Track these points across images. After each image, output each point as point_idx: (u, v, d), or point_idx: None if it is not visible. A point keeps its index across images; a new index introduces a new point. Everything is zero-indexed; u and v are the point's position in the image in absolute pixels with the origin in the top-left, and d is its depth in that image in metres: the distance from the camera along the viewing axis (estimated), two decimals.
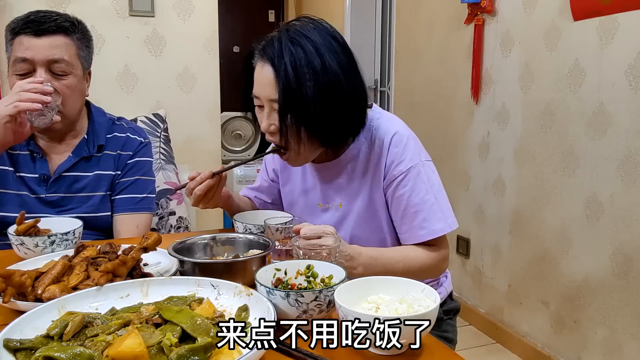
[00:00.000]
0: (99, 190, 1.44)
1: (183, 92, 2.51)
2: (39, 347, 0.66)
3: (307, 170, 1.30)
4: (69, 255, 0.96)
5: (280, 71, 1.05)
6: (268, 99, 1.08)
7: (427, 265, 1.15)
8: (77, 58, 1.38)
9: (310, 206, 1.30)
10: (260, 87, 1.10)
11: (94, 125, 1.48)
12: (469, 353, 2.45)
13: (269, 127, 1.11)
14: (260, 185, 1.46)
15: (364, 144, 1.20)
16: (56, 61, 1.32)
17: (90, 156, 1.44)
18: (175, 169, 2.28)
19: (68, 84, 1.35)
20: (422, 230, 1.15)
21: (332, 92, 1.06)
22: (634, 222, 1.85)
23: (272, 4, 5.18)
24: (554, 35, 2.14)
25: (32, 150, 1.41)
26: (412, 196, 1.15)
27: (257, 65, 1.11)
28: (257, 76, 1.10)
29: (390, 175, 1.16)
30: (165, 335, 0.68)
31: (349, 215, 1.23)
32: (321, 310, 0.79)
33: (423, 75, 3.04)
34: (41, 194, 1.39)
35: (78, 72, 1.38)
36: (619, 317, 1.94)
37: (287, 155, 1.16)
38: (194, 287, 0.86)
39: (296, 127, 1.08)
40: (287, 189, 1.37)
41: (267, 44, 1.09)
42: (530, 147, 2.31)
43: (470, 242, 2.78)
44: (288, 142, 1.10)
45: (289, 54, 1.05)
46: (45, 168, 1.40)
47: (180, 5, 2.44)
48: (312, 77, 1.05)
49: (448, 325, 1.35)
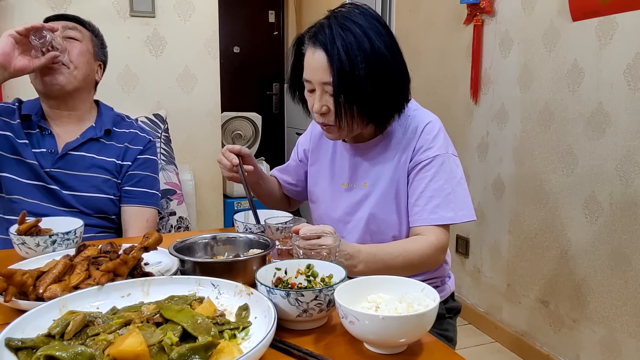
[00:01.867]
0: (103, 173, 1.49)
1: (183, 92, 2.51)
2: (40, 346, 0.67)
3: (337, 151, 1.36)
4: (70, 255, 0.97)
5: (333, 56, 1.11)
6: (320, 82, 1.14)
7: (426, 256, 1.16)
8: (90, 40, 1.53)
9: (335, 185, 1.34)
10: (312, 71, 1.15)
11: (102, 116, 1.56)
12: (469, 352, 2.46)
13: (321, 108, 1.17)
14: (288, 165, 1.53)
15: (398, 130, 1.26)
16: (70, 28, 1.47)
17: (98, 139, 1.51)
18: (175, 169, 2.29)
19: (78, 47, 1.47)
20: (433, 214, 1.19)
21: (381, 71, 1.13)
22: (633, 221, 1.86)
23: (272, 4, 5.18)
24: (553, 36, 2.15)
25: (42, 127, 1.48)
26: (431, 182, 1.20)
27: (308, 51, 1.16)
28: (309, 61, 1.16)
29: (417, 159, 1.22)
30: (166, 335, 0.69)
31: (371, 195, 1.27)
32: (321, 309, 0.79)
33: (422, 76, 3.05)
34: (47, 167, 1.45)
35: (89, 44, 1.51)
36: (617, 316, 1.95)
37: (335, 132, 1.21)
38: (195, 287, 0.87)
39: (349, 107, 1.14)
40: (314, 168, 1.42)
41: (318, 31, 1.15)
42: (529, 147, 2.32)
43: (469, 241, 2.78)
44: (341, 120, 1.16)
45: (340, 39, 1.11)
46: (53, 144, 1.47)
47: (180, 5, 2.44)
48: (363, 59, 1.11)
49: (449, 324, 1.36)
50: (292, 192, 1.51)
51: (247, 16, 5.07)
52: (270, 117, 5.13)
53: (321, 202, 1.38)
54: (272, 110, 5.23)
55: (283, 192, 1.54)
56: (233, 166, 1.27)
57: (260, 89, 5.17)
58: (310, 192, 1.44)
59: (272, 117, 5.16)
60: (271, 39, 5.16)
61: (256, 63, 5.07)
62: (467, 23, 2.63)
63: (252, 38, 5.09)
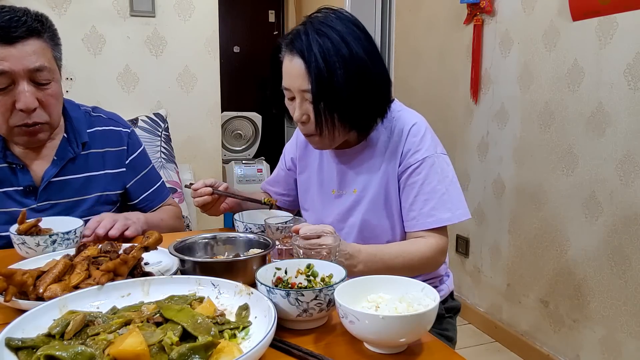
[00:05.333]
0: (92, 192, 1.38)
1: (183, 92, 2.51)
2: (40, 346, 0.67)
3: (324, 158, 1.34)
4: (70, 255, 0.97)
5: (311, 63, 1.09)
6: (299, 90, 1.13)
7: (426, 257, 1.16)
8: (54, 61, 1.26)
9: (324, 193, 1.33)
10: (291, 79, 1.14)
11: (72, 122, 1.37)
12: (468, 352, 2.46)
13: (302, 117, 1.16)
14: (277, 175, 1.50)
15: (384, 133, 1.24)
16: (38, 69, 1.19)
17: (76, 156, 1.36)
18: (175, 168, 2.29)
19: (52, 93, 1.25)
20: (430, 217, 1.18)
21: (360, 76, 1.11)
22: (633, 221, 1.86)
23: (272, 4, 5.18)
24: (553, 35, 2.15)
25: (11, 162, 1.30)
26: (424, 185, 1.19)
27: (285, 58, 1.14)
28: (287, 69, 1.14)
29: (406, 163, 1.21)
30: (166, 334, 0.69)
31: (362, 201, 1.25)
32: (321, 309, 0.79)
33: (422, 75, 3.05)
34: (31, 205, 1.30)
35: (58, 76, 1.28)
36: (617, 316, 1.94)
37: (318, 140, 1.20)
38: (195, 286, 0.87)
39: (329, 114, 1.13)
40: (303, 176, 1.40)
41: (294, 38, 1.13)
42: (529, 147, 2.32)
43: (469, 241, 2.78)
44: (322, 128, 1.15)
45: (317, 46, 1.09)
46: (29, 179, 1.31)
47: (180, 5, 2.44)
48: (342, 65, 1.09)
49: (448, 324, 1.36)
50: (285, 202, 1.49)
51: (247, 16, 5.07)
52: (270, 117, 5.13)
53: (313, 210, 1.37)
54: (272, 110, 5.22)
55: None
56: (210, 193, 1.27)
57: (260, 89, 5.16)
58: (301, 200, 1.42)
59: (272, 117, 5.16)
60: (271, 38, 5.15)
61: (256, 63, 5.07)
62: (467, 23, 2.63)
63: (252, 38, 5.09)
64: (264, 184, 1.54)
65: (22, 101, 1.19)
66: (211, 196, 1.27)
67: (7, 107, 1.20)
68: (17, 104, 1.20)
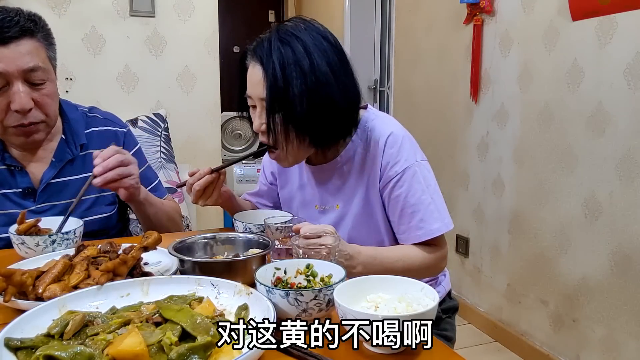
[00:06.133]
0: (91, 192, 1.35)
1: (183, 92, 2.51)
2: (39, 346, 0.67)
3: (304, 173, 1.31)
4: (69, 255, 0.97)
5: (268, 70, 1.06)
6: (259, 98, 1.10)
7: (426, 264, 1.15)
8: (49, 61, 1.25)
9: (308, 208, 1.30)
10: (251, 86, 1.11)
11: (70, 123, 1.37)
12: (468, 352, 2.46)
13: (260, 127, 1.12)
14: (260, 190, 1.46)
15: (360, 145, 1.20)
16: (32, 70, 1.19)
17: (74, 158, 1.35)
18: (175, 167, 2.29)
19: (48, 92, 1.24)
20: (420, 230, 1.15)
21: (320, 92, 1.06)
22: (632, 221, 1.86)
23: (272, 4, 5.18)
24: (553, 35, 2.15)
25: (9, 165, 1.29)
26: (408, 196, 1.15)
27: (249, 65, 1.12)
28: (249, 76, 1.12)
29: (386, 177, 1.17)
30: (166, 334, 0.69)
31: (346, 217, 1.23)
32: (320, 309, 0.79)
33: (422, 75, 3.05)
34: (30, 207, 1.29)
35: (53, 76, 1.27)
36: (617, 316, 1.94)
37: (276, 154, 1.16)
38: (194, 286, 0.87)
39: (284, 126, 1.09)
40: (285, 191, 1.38)
41: (258, 44, 1.10)
42: (529, 147, 2.32)
43: (469, 241, 2.78)
44: (277, 141, 1.11)
45: (277, 53, 1.06)
46: (27, 181, 1.30)
47: (180, 5, 2.44)
48: (300, 76, 1.05)
49: (447, 324, 1.36)
50: None
51: (247, 16, 5.07)
52: None
53: None
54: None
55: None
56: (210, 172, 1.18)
57: None
58: None
59: None
60: None
61: None
62: (467, 23, 2.63)
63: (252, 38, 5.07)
64: (246, 195, 1.48)
65: (17, 102, 1.18)
66: (211, 175, 1.19)
67: (2, 108, 1.20)
68: (12, 105, 1.19)
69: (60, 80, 2.37)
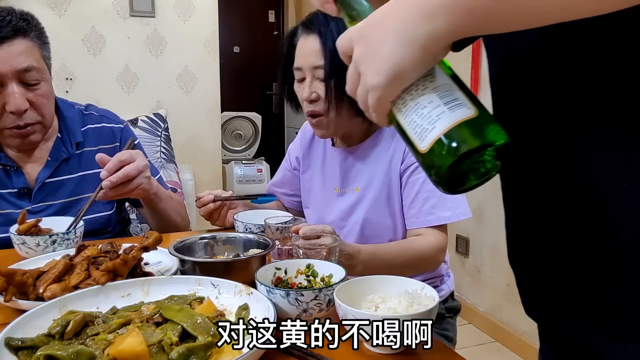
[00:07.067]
0: (88, 191, 1.33)
1: (183, 92, 2.51)
2: (40, 346, 0.67)
3: (327, 156, 1.35)
4: (70, 255, 0.97)
5: (327, 37, 1.12)
6: (311, 67, 1.16)
7: (426, 256, 1.17)
8: (43, 60, 1.24)
9: (327, 191, 1.34)
10: (304, 57, 1.17)
11: (66, 122, 1.35)
12: (468, 352, 2.46)
13: (311, 95, 1.18)
14: (283, 177, 1.49)
15: (387, 132, 1.25)
16: (26, 70, 1.17)
17: (70, 156, 1.33)
18: (175, 168, 2.29)
19: (43, 93, 1.22)
20: (430, 215, 1.19)
21: None
22: None
23: (272, 4, 5.18)
24: None
25: (4, 165, 1.28)
26: (425, 183, 1.19)
27: (300, 40, 1.18)
28: (301, 48, 1.18)
29: (409, 160, 1.21)
30: (166, 334, 0.69)
31: (365, 199, 1.26)
32: (321, 309, 0.79)
33: None
34: (26, 207, 1.27)
35: (48, 76, 1.26)
36: None
37: (319, 121, 1.21)
38: (195, 286, 0.87)
39: (340, 92, 1.13)
40: (307, 175, 1.41)
41: (312, 17, 1.17)
42: None
43: (469, 241, 2.78)
44: (328, 107, 1.16)
45: (334, 23, 1.12)
46: (23, 181, 1.29)
47: (180, 5, 2.44)
48: None
49: (448, 323, 1.36)
50: (293, 203, 1.48)
51: (247, 16, 5.07)
52: (270, 117, 5.13)
53: (315, 208, 1.37)
54: (272, 110, 5.23)
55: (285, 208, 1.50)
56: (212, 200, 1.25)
57: (260, 89, 5.17)
58: (304, 198, 1.43)
59: (272, 117, 5.16)
60: (271, 39, 5.15)
61: (256, 63, 5.07)
62: None
63: (252, 38, 5.09)
64: (270, 186, 1.53)
65: (12, 103, 1.18)
66: (214, 203, 1.26)
67: None
68: (7, 106, 1.18)
69: (60, 80, 2.39)
